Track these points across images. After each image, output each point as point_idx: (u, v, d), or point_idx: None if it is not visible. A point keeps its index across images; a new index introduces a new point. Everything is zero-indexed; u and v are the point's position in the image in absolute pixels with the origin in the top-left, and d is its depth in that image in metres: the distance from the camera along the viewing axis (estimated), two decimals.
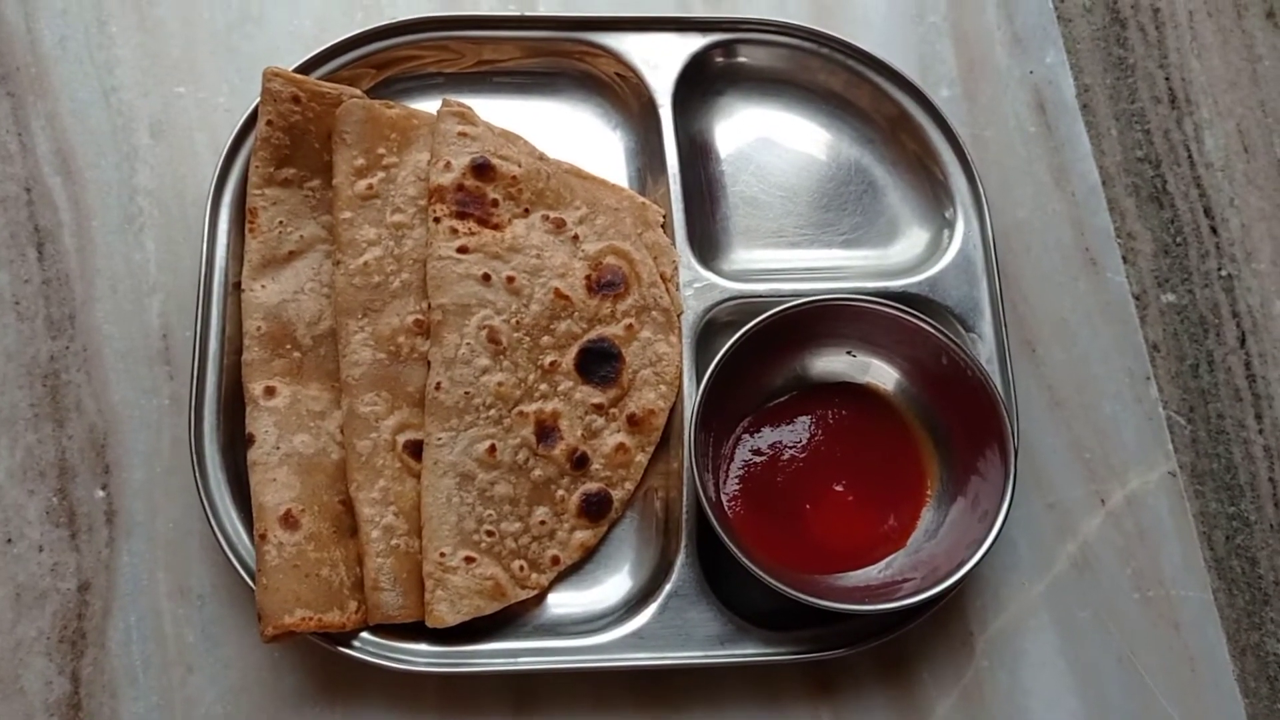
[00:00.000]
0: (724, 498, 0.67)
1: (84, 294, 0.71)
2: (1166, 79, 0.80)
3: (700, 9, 0.79)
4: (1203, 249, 0.77)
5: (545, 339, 0.67)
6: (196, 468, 0.65)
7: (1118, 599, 0.69)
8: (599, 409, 0.67)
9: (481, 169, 0.68)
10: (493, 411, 0.65)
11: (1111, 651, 0.69)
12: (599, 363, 0.68)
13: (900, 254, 0.75)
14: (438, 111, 0.70)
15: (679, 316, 0.70)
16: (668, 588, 0.65)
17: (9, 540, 0.67)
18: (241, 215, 0.69)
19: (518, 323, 0.67)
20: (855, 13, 0.80)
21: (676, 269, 0.70)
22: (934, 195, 0.75)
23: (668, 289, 0.70)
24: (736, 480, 0.67)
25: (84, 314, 0.71)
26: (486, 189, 0.68)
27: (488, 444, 0.64)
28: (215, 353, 0.67)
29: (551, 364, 0.67)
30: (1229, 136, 0.79)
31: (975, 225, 0.73)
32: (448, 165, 0.68)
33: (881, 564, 0.66)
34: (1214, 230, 0.77)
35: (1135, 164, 0.78)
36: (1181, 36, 0.80)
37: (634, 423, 0.68)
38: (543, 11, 0.77)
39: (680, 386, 0.69)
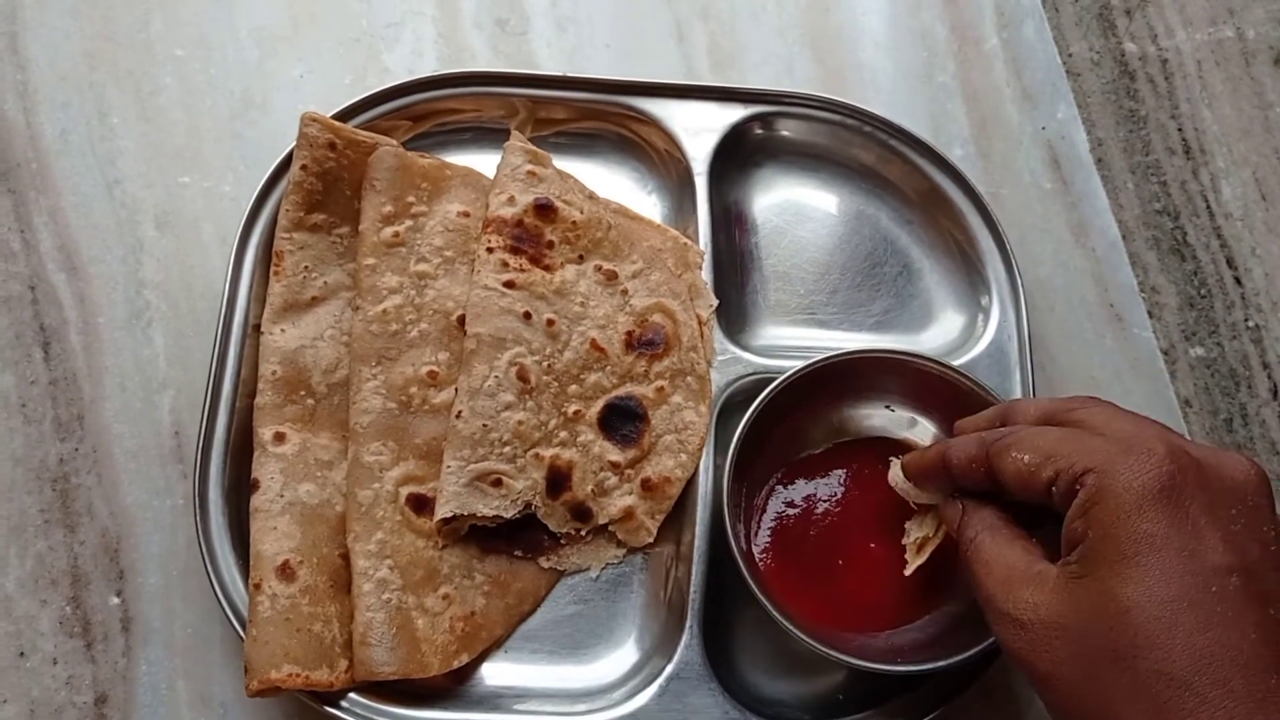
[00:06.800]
0: (755, 549, 0.65)
1: (92, 393, 0.69)
2: (1179, 129, 0.79)
3: (708, 76, 0.79)
4: (1228, 300, 0.76)
5: (573, 387, 0.66)
6: (199, 518, 0.63)
7: None
8: (615, 467, 0.66)
9: (544, 209, 0.68)
10: (508, 449, 0.64)
11: None
12: (623, 421, 0.67)
13: (932, 339, 0.73)
14: (506, 144, 0.70)
15: (710, 366, 0.68)
16: (669, 669, 0.63)
17: (21, 654, 0.65)
18: (266, 259, 0.68)
19: (549, 366, 0.66)
20: (864, 75, 0.79)
21: (714, 313, 0.69)
22: (970, 282, 0.73)
23: (702, 333, 0.69)
24: (768, 532, 0.66)
25: (92, 414, 0.69)
26: (545, 229, 0.68)
27: (495, 478, 0.63)
28: (228, 395, 0.65)
29: (575, 413, 0.66)
30: (1246, 185, 0.78)
31: (1011, 316, 0.70)
32: (511, 199, 0.67)
33: (913, 625, 0.64)
34: (1238, 281, 0.76)
35: (1154, 217, 0.77)
36: (1191, 86, 0.80)
37: (648, 488, 0.66)
38: (590, 74, 0.75)
39: (700, 459, 0.67)
